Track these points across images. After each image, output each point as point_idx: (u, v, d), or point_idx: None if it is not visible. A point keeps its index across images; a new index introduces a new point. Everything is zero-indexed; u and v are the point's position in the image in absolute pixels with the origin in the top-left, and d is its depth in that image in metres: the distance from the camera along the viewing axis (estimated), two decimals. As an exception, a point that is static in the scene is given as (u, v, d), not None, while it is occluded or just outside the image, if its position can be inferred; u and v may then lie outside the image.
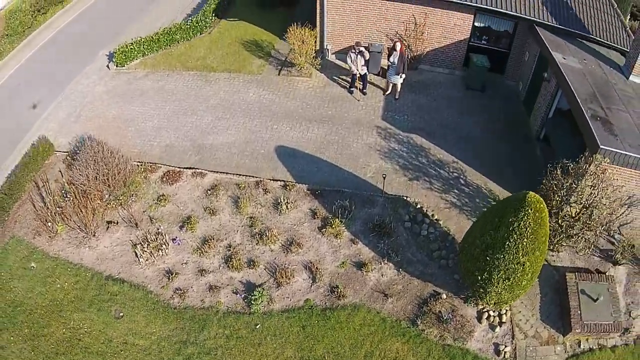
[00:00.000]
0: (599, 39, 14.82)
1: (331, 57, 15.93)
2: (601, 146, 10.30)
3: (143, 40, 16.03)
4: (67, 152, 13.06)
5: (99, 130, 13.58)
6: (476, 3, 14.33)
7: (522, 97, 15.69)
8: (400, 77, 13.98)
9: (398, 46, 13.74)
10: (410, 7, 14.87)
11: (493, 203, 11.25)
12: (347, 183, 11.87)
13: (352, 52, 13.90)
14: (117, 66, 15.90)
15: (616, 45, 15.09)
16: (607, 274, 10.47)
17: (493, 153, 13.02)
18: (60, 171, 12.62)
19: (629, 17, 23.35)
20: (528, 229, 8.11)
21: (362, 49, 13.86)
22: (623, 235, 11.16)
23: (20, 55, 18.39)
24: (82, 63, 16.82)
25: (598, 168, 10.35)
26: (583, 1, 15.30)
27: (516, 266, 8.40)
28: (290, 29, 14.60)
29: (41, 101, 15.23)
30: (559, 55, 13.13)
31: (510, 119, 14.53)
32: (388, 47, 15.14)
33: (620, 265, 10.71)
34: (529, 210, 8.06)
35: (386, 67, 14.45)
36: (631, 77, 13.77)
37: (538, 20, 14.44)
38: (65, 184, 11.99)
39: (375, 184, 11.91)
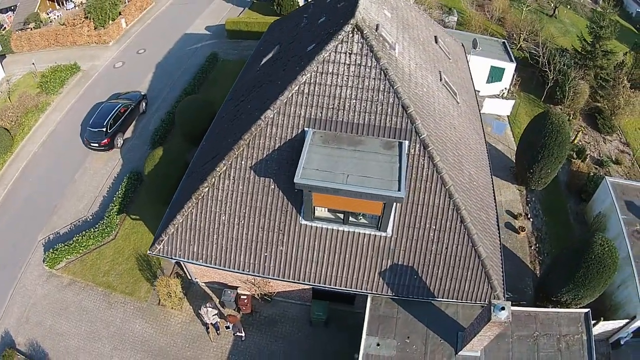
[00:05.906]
0: (444, 299, 15.50)
1: (201, 284, 20.39)
2: None
3: (64, 247, 21.07)
4: (26, 355, 20.00)
5: (42, 340, 20.10)
6: (311, 283, 16.43)
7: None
8: (240, 334, 18.85)
9: (232, 320, 18.40)
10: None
11: None
12: None
13: (204, 307, 18.59)
14: (49, 268, 21.34)
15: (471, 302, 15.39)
16: None
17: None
18: (23, 375, 19.88)
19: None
20: None
21: (210, 309, 18.47)
22: None
23: (-22, 223, 23.60)
24: (27, 245, 22.49)
25: None
26: (438, 263, 15.61)
27: None
28: (158, 280, 19.14)
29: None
30: (373, 342, 14.33)
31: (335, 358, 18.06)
32: (238, 293, 19.31)
33: None
34: None
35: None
36: (461, 352, 13.71)
37: (375, 294, 15.81)
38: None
39: None
